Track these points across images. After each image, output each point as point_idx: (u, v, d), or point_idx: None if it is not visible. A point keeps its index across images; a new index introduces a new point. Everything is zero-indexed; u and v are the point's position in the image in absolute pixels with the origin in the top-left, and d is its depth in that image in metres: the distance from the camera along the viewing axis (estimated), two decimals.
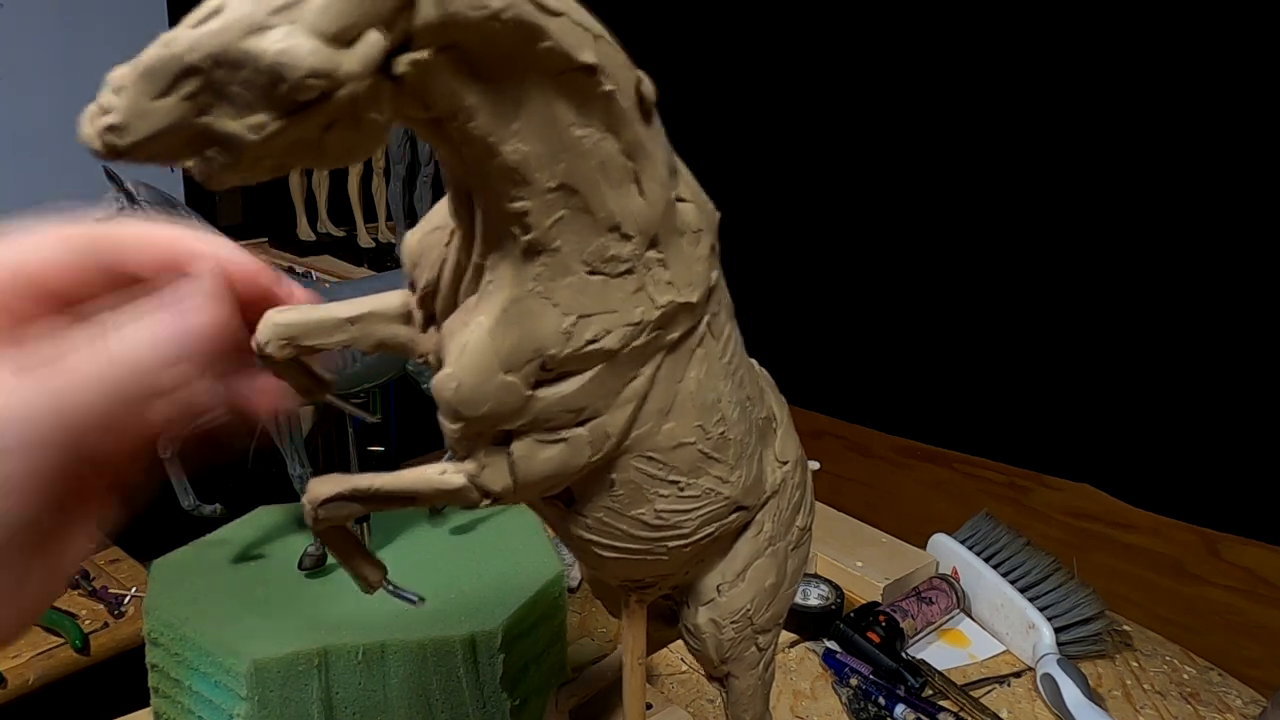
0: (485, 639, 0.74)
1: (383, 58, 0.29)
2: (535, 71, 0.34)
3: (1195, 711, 0.93)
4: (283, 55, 0.26)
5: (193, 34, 0.27)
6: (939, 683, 0.93)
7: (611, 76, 0.35)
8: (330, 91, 0.27)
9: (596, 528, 0.46)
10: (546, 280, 0.38)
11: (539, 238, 0.37)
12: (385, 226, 1.81)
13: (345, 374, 0.82)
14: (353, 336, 0.43)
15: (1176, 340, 1.83)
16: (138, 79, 0.28)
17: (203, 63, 0.27)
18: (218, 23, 0.27)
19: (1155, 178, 1.79)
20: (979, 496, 2.06)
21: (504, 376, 0.38)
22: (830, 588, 1.03)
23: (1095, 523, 1.97)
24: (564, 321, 0.39)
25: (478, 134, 0.34)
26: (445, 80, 0.32)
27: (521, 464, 0.41)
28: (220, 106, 0.28)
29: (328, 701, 0.72)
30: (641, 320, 0.40)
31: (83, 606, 1.15)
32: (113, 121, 0.28)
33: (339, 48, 0.27)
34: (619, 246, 0.38)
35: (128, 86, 0.28)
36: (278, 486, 0.87)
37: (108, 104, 0.28)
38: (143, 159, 0.29)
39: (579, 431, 0.41)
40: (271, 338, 0.39)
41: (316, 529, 0.48)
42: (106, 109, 0.28)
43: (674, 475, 0.46)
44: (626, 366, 0.41)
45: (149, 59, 0.28)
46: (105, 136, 0.28)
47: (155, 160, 0.29)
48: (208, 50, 0.27)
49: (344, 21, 0.27)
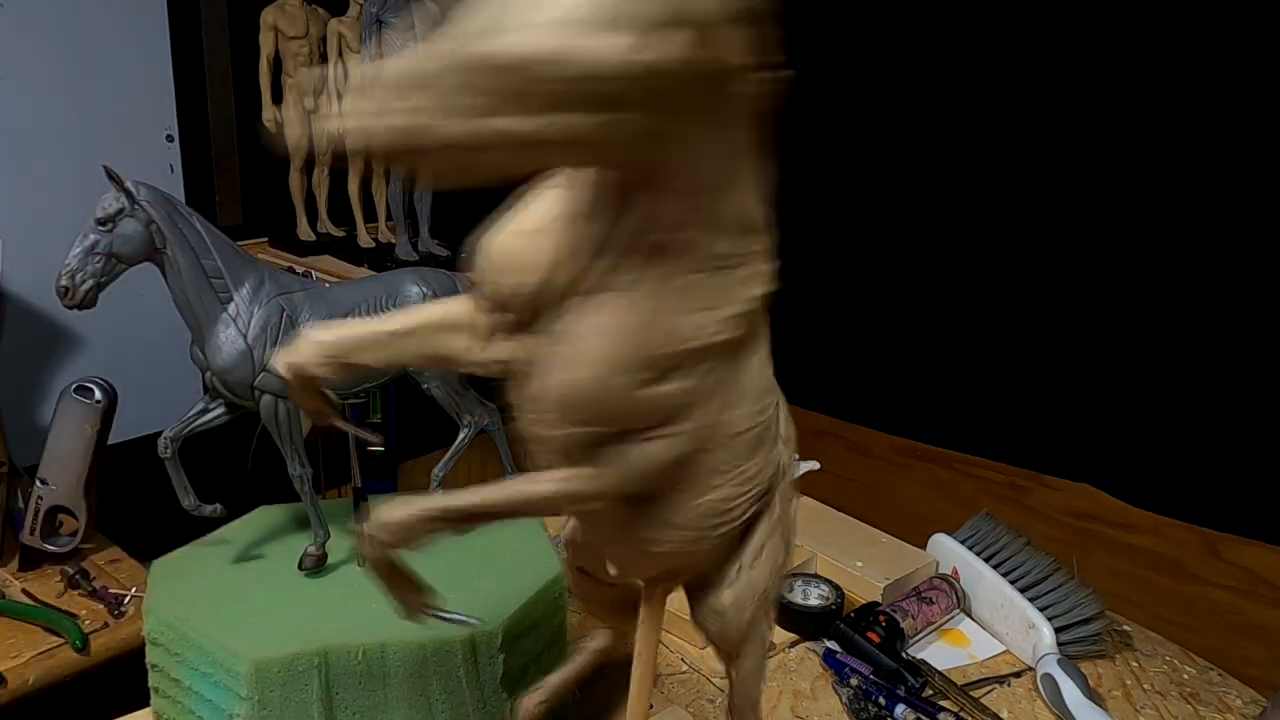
0: (485, 639, 0.74)
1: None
2: (730, 103, 0.35)
3: (1195, 711, 0.92)
4: (608, 53, 0.27)
5: (517, 36, 0.27)
6: (939, 683, 0.93)
7: (759, 89, 0.36)
8: (624, 94, 0.27)
9: (665, 523, 0.46)
10: (674, 278, 0.38)
11: (677, 239, 0.37)
12: (385, 226, 1.80)
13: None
14: (400, 350, 0.43)
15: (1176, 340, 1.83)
16: (447, 76, 0.27)
17: (519, 63, 0.27)
18: (542, 24, 0.27)
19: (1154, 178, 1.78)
20: (979, 496, 2.06)
21: (626, 376, 0.38)
22: (830, 588, 1.03)
23: (1095, 523, 1.97)
24: (685, 320, 0.39)
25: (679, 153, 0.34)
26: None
27: (628, 463, 0.41)
28: (521, 105, 0.27)
29: (328, 701, 0.72)
30: (745, 311, 0.41)
31: (83, 606, 1.15)
32: (412, 122, 0.27)
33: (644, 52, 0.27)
34: (737, 243, 0.39)
35: (433, 86, 0.27)
36: (278, 486, 0.87)
37: (393, 102, 0.27)
38: (439, 162, 0.28)
39: (683, 427, 0.41)
40: (313, 357, 0.38)
41: (374, 555, 0.45)
42: (393, 107, 0.27)
43: (737, 461, 0.46)
44: (724, 358, 0.41)
45: (463, 57, 0.27)
46: (400, 135, 0.27)
47: (439, 166, 0.28)
48: (531, 51, 0.27)
49: (660, 17, 0.27)
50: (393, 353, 0.42)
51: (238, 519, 0.89)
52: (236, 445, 1.35)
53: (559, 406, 0.39)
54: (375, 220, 1.81)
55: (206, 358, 0.78)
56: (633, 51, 0.27)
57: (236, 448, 1.37)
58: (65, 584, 1.19)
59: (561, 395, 0.39)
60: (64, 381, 1.22)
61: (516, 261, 0.41)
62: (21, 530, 1.21)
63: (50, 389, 1.58)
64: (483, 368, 0.43)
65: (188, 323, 0.78)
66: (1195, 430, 1.83)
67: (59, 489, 1.18)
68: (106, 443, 1.20)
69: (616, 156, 0.31)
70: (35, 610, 1.14)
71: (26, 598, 1.17)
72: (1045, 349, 2.00)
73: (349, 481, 0.85)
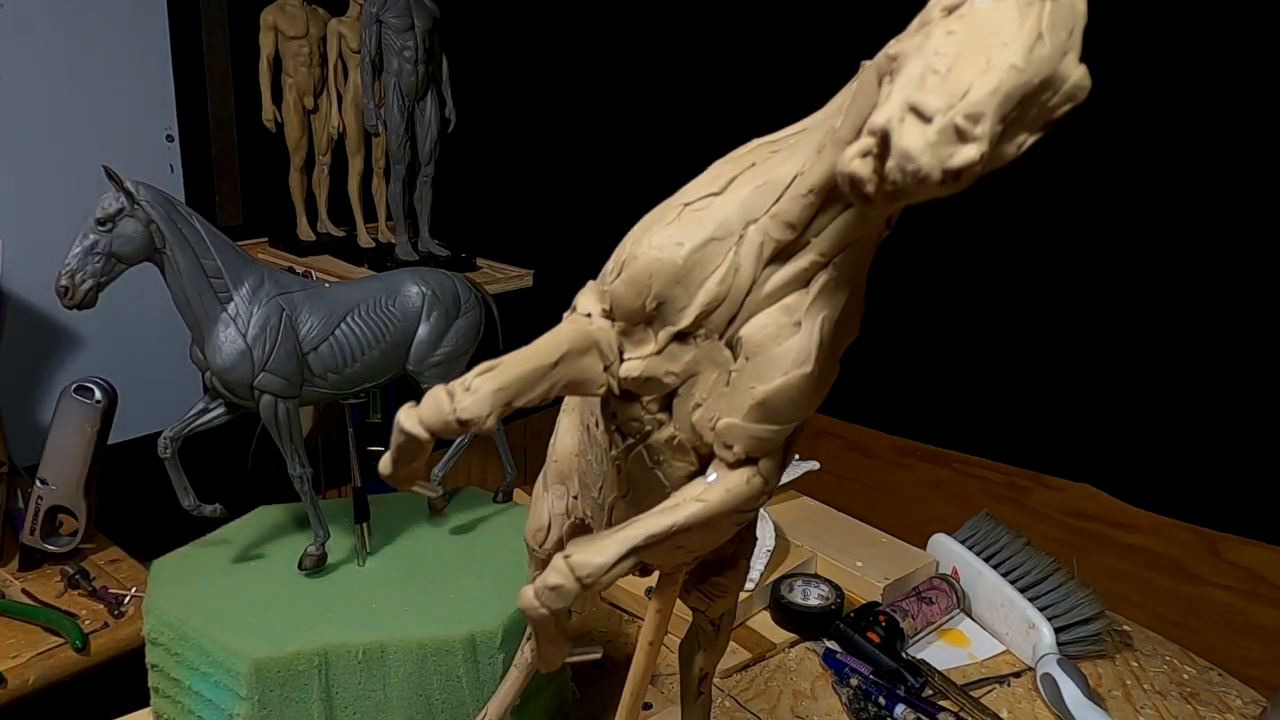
0: (485, 639, 0.74)
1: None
2: None
3: (1195, 711, 0.92)
4: (1084, 79, 0.27)
5: (1033, 56, 0.27)
6: (939, 683, 0.93)
7: None
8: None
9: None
10: (851, 276, 0.39)
11: (861, 235, 0.38)
12: (385, 226, 1.80)
13: (345, 374, 0.82)
14: (553, 382, 0.40)
15: (1176, 340, 1.83)
16: (996, 105, 0.26)
17: (1038, 86, 0.27)
18: (1045, 48, 0.27)
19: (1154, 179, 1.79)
20: (979, 496, 2.06)
21: (832, 369, 0.40)
22: (830, 588, 1.03)
23: (1095, 523, 1.97)
24: (854, 313, 0.40)
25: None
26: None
27: (784, 456, 0.42)
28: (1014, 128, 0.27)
29: (328, 701, 0.72)
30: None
31: (83, 606, 1.15)
32: (973, 155, 0.26)
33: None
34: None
35: (988, 114, 0.26)
36: (278, 486, 0.87)
37: (968, 129, 0.26)
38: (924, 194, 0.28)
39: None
40: (492, 409, 0.37)
41: (560, 606, 0.41)
42: (968, 134, 0.26)
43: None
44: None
45: (1009, 84, 0.26)
46: (966, 166, 0.26)
47: (926, 196, 0.28)
48: (1047, 73, 0.27)
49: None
50: (548, 385, 0.40)
51: (238, 519, 0.89)
52: (236, 445, 1.35)
53: (763, 408, 0.39)
54: (375, 220, 1.81)
55: (206, 358, 0.78)
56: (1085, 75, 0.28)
57: (236, 448, 1.37)
58: (65, 584, 1.19)
59: (776, 394, 0.39)
60: (64, 381, 1.22)
61: (696, 272, 0.40)
62: (21, 530, 1.21)
63: (50, 389, 1.58)
64: (616, 387, 0.41)
65: (187, 323, 0.78)
66: (1195, 430, 1.83)
67: (59, 489, 1.19)
68: (106, 443, 1.20)
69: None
70: (35, 610, 1.14)
71: (26, 598, 1.17)
72: (1045, 350, 2.00)
73: (349, 481, 0.85)
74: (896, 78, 0.29)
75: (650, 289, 0.40)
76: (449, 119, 1.64)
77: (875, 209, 0.29)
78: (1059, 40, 0.27)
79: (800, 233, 0.38)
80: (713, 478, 0.42)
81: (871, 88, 0.33)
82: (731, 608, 0.61)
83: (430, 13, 1.56)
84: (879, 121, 0.27)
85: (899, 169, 0.27)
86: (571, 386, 0.41)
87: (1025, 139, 0.28)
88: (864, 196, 0.29)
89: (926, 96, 0.26)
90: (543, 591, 0.41)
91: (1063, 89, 0.27)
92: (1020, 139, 0.28)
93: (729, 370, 0.41)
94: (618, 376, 0.42)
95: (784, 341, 0.39)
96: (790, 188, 0.38)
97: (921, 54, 0.28)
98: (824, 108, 0.39)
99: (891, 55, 0.31)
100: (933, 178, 0.26)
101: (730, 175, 0.41)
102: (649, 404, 0.43)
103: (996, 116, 0.26)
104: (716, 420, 0.41)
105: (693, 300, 0.40)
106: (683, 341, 0.41)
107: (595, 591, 0.41)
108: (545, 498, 0.58)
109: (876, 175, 0.28)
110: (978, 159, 0.26)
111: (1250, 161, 1.68)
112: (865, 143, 0.28)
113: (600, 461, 0.50)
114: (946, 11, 0.29)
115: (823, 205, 0.38)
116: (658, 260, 0.40)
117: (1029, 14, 0.27)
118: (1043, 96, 0.27)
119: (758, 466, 0.41)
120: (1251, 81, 1.65)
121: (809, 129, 0.39)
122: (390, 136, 1.61)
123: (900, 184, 0.27)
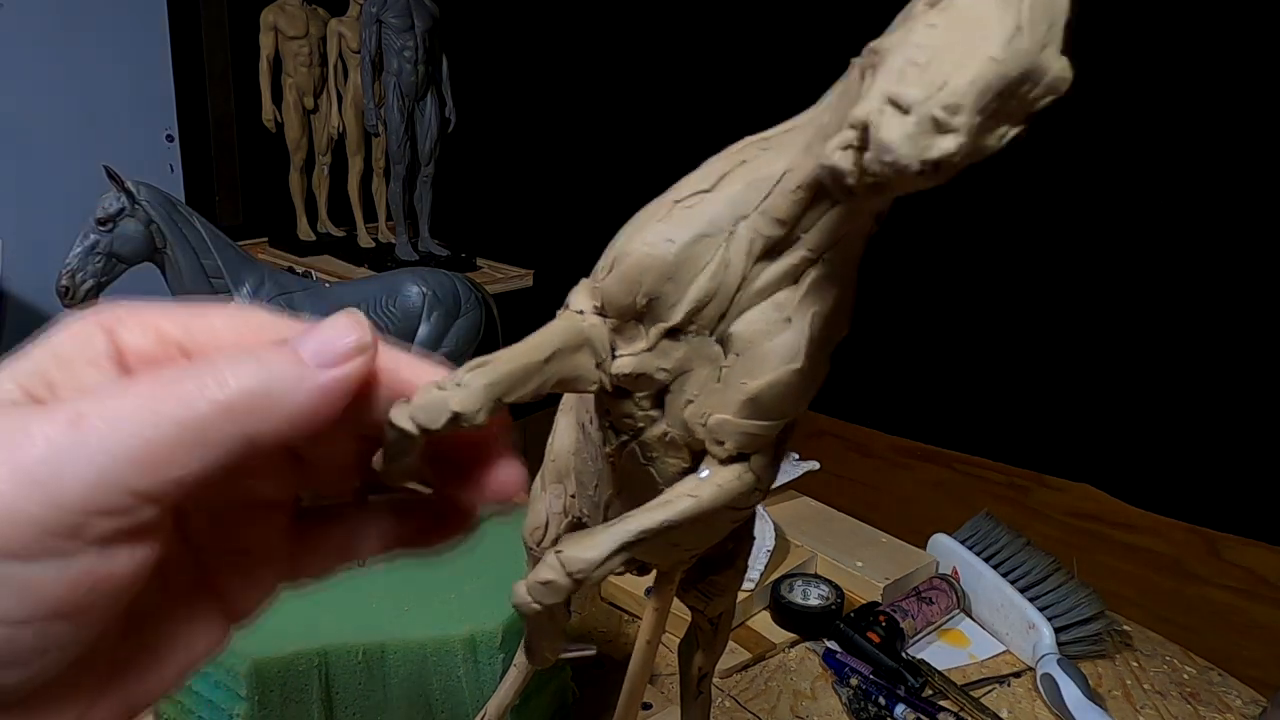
0: (485, 639, 0.74)
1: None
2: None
3: (1195, 711, 0.93)
4: (1065, 71, 0.27)
5: (1012, 48, 0.27)
6: (939, 683, 0.93)
7: None
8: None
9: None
10: (841, 273, 0.39)
11: (850, 230, 0.38)
12: (385, 226, 1.81)
13: None
14: (546, 379, 0.40)
15: (1175, 340, 1.83)
16: (975, 97, 0.26)
17: (1017, 78, 0.27)
18: (1025, 40, 0.27)
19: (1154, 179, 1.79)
20: (979, 496, 2.06)
21: (825, 363, 0.39)
22: (830, 588, 1.03)
23: (1095, 523, 1.97)
24: (844, 310, 0.40)
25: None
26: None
27: (778, 450, 0.41)
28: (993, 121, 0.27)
29: (328, 701, 0.72)
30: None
31: None
32: (951, 147, 0.26)
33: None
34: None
35: (966, 105, 0.26)
36: None
37: (946, 120, 0.26)
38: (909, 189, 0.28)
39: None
40: (483, 404, 0.36)
41: (555, 599, 0.41)
42: (946, 125, 0.26)
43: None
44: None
45: (987, 75, 0.26)
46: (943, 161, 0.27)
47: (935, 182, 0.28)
48: (1026, 65, 0.27)
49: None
50: (541, 381, 0.39)
51: None
52: None
53: (754, 404, 0.39)
54: (375, 220, 1.82)
55: None
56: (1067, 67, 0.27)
57: None
58: None
59: (766, 390, 0.39)
60: None
61: (687, 268, 0.40)
62: None
63: None
64: (609, 384, 0.41)
65: None
66: (1195, 430, 1.83)
67: None
68: None
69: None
70: None
71: None
72: (1045, 350, 2.01)
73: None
74: (878, 71, 0.29)
75: (641, 286, 0.40)
76: (449, 119, 1.64)
77: (858, 202, 0.29)
78: (1039, 33, 0.27)
79: (790, 229, 0.38)
80: (705, 474, 0.42)
81: (857, 84, 0.33)
82: (730, 607, 0.61)
83: (430, 13, 1.56)
84: (859, 114, 0.28)
85: (878, 160, 0.27)
86: (564, 383, 0.41)
87: (1007, 131, 0.28)
88: (846, 189, 0.29)
89: (905, 88, 0.27)
90: (534, 587, 0.41)
91: (1043, 81, 0.27)
92: (1001, 131, 0.28)
93: (720, 366, 0.41)
94: (610, 373, 0.42)
95: (774, 338, 0.39)
96: (779, 184, 0.38)
97: (903, 47, 0.28)
98: (815, 105, 0.39)
99: (875, 50, 0.31)
100: (911, 169, 0.27)
101: (721, 172, 0.40)
102: (641, 401, 0.43)
103: (975, 108, 0.26)
104: (708, 416, 0.41)
105: (684, 297, 0.40)
106: (674, 338, 0.41)
107: (588, 587, 0.41)
108: (543, 497, 0.58)
109: (857, 167, 0.28)
110: (956, 150, 0.26)
111: (1250, 161, 1.68)
112: (846, 135, 0.28)
113: (595, 459, 0.50)
114: (929, 5, 0.29)
115: (811, 201, 0.38)
116: (649, 257, 0.40)
117: (1009, 7, 0.27)
118: (1023, 89, 0.27)
119: (749, 462, 0.41)
120: (1251, 81, 1.65)
121: (799, 126, 0.39)
122: (390, 136, 1.61)
123: (880, 175, 0.27)
